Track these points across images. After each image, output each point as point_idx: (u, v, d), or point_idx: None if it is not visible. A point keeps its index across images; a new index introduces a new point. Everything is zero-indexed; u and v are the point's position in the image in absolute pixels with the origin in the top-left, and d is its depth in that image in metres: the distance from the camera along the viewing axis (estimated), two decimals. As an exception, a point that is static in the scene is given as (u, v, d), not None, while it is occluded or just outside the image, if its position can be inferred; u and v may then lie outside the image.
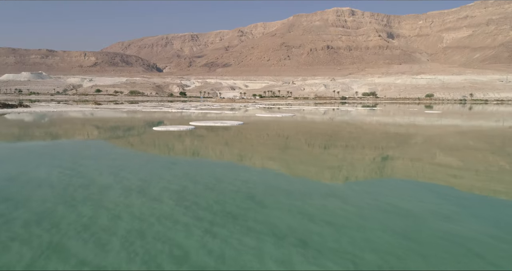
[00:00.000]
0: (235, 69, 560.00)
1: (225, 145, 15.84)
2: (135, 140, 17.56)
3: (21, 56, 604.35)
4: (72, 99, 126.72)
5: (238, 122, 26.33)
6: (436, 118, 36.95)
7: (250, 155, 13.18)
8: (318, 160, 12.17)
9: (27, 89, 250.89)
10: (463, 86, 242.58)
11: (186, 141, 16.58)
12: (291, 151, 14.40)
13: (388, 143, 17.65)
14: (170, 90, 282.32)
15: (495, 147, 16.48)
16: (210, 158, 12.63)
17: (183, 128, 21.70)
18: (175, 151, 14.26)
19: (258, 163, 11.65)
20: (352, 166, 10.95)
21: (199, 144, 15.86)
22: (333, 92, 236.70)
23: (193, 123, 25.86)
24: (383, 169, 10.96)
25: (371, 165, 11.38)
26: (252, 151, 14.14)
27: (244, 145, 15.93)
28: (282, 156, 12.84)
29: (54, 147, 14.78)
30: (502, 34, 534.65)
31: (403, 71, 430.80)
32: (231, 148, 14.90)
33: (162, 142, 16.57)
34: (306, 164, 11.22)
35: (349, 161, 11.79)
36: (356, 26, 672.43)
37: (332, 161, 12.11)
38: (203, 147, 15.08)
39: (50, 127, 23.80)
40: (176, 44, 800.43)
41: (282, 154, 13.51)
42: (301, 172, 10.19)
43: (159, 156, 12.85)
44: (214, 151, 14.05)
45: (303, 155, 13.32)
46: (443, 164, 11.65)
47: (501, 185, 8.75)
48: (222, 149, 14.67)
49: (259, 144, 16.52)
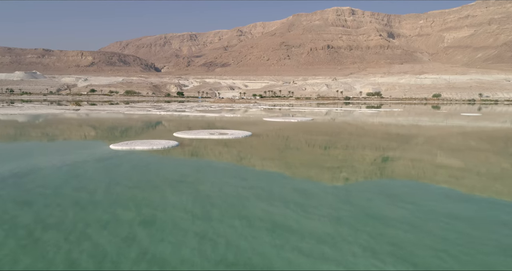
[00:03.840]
0: (234, 69, 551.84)
1: (230, 208, 6.57)
2: (54, 177, 9.43)
3: (17, 55, 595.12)
4: (65, 99, 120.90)
5: (244, 134, 18.20)
6: (488, 123, 28.91)
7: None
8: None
9: (19, 89, 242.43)
10: (470, 86, 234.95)
11: (140, 190, 8.34)
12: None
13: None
14: (168, 90, 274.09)
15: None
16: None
17: (158, 147, 13.57)
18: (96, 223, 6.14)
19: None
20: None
21: (168, 203, 7.70)
22: (336, 92, 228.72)
23: (179, 134, 17.71)
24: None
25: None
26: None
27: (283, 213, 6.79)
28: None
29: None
30: (504, 33, 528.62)
31: (405, 71, 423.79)
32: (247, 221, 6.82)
33: (90, 187, 8.44)
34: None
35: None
36: (357, 26, 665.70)
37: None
38: (173, 212, 7.01)
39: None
40: (174, 43, 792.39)
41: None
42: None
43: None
44: (197, 228, 6.00)
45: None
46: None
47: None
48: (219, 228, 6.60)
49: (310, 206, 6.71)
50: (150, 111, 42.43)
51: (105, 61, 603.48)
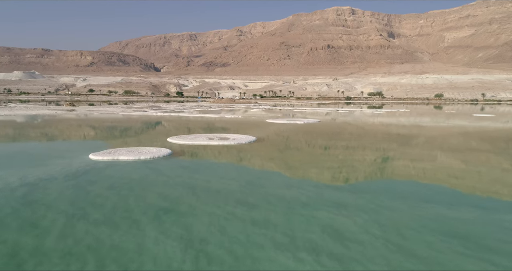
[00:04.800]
0: (234, 69, 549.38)
1: (235, 263, 4.54)
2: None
3: (16, 55, 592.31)
4: (63, 99, 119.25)
5: (248, 139, 15.99)
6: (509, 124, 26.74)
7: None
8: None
9: (17, 89, 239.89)
10: (472, 86, 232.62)
11: (109, 230, 6.16)
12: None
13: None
14: (167, 90, 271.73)
15: None
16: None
17: (147, 157, 11.35)
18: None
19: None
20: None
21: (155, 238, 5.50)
22: (337, 92, 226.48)
23: (174, 140, 15.50)
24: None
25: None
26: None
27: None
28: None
29: None
30: (505, 33, 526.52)
31: (406, 71, 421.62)
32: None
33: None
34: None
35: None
36: (357, 26, 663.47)
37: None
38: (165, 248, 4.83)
39: None
40: (174, 43, 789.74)
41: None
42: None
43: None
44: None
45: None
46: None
47: None
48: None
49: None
50: (147, 112, 40.21)
51: (105, 61, 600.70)
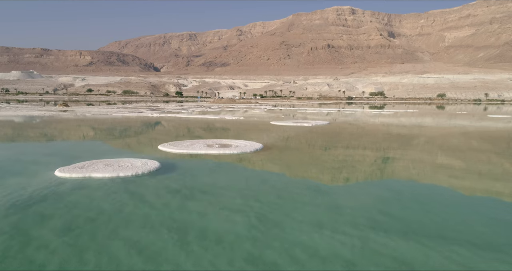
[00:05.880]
0: (234, 69, 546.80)
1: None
2: None
3: (15, 55, 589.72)
4: (61, 99, 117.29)
5: (254, 146, 13.68)
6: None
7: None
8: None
9: (15, 88, 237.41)
10: (474, 86, 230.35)
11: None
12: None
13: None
14: (167, 90, 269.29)
15: None
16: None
17: (127, 173, 9.03)
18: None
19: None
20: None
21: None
22: (338, 92, 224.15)
23: (166, 148, 13.18)
24: None
25: None
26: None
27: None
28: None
29: None
30: (506, 32, 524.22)
31: (407, 71, 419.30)
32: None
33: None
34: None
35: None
36: (357, 25, 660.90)
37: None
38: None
39: None
40: (174, 43, 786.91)
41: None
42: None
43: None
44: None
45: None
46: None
47: None
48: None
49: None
50: (142, 113, 37.90)
51: (104, 60, 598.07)
